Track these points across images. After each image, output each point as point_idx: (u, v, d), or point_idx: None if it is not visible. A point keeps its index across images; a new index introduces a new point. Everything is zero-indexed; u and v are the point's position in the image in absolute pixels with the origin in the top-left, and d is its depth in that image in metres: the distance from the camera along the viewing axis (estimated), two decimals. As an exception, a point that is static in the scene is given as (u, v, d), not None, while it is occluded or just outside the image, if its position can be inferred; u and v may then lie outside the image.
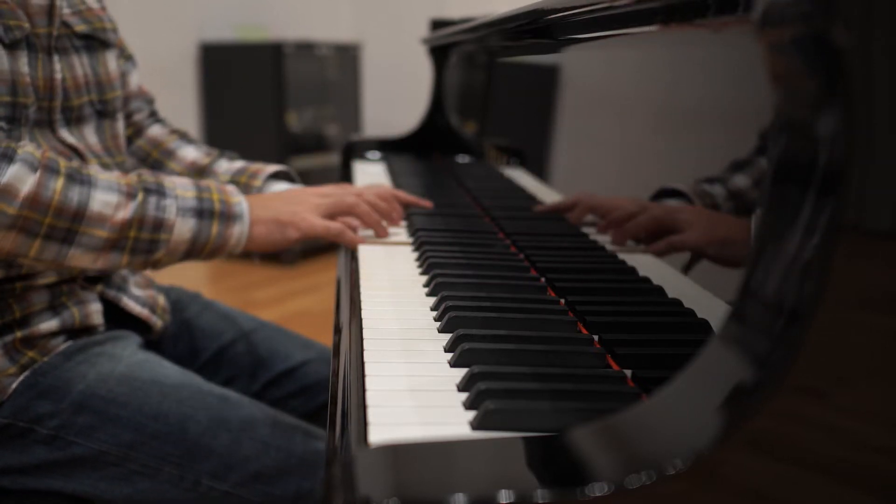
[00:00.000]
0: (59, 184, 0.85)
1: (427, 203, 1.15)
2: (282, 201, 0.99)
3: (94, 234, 0.87)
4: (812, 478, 0.39)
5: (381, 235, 1.04)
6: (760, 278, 0.40)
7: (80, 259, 0.88)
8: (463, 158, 1.73)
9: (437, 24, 1.87)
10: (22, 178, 0.83)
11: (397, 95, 4.30)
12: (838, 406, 0.39)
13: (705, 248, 0.64)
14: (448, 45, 1.79)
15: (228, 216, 0.94)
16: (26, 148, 0.85)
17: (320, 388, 1.15)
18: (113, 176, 0.91)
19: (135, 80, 1.21)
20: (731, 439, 0.38)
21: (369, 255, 0.98)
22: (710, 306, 0.61)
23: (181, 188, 0.93)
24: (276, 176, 1.19)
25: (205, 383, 0.97)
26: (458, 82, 1.79)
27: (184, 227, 0.91)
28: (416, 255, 0.97)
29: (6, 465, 0.92)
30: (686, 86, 0.72)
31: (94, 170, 0.90)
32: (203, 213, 0.93)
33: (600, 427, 0.45)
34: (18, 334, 0.92)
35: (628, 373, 0.60)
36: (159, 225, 0.90)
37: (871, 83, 0.36)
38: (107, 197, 0.88)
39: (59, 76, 0.97)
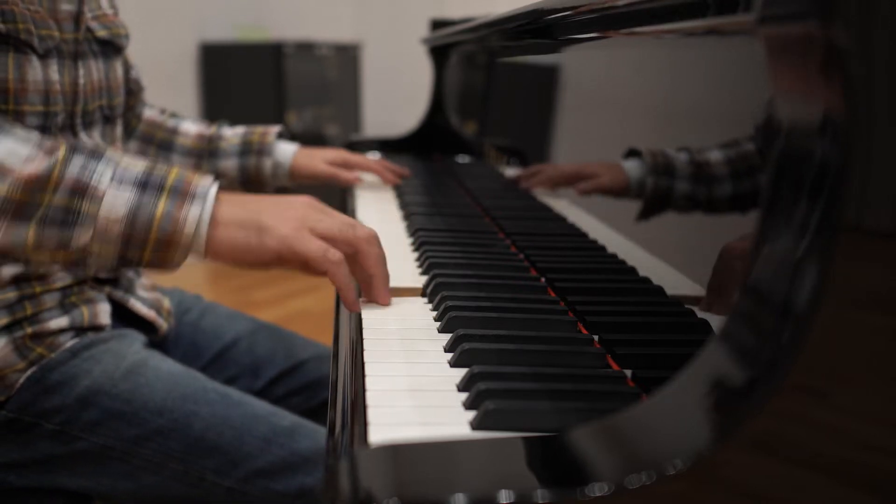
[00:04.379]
0: None
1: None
2: (271, 204, 0.76)
3: None
4: (812, 478, 0.39)
5: (381, 300, 0.77)
6: (760, 278, 0.40)
7: None
8: (463, 158, 1.73)
9: (437, 24, 1.87)
10: None
11: (397, 95, 4.30)
12: (838, 406, 0.39)
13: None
14: (448, 45, 1.79)
15: (184, 193, 0.72)
16: None
17: (322, 385, 1.16)
18: (40, 135, 0.74)
19: (143, 82, 1.27)
20: (731, 439, 0.38)
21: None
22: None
23: (129, 159, 0.74)
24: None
25: (208, 381, 0.98)
26: (458, 82, 1.79)
27: (118, 199, 0.70)
28: (416, 255, 0.97)
29: (12, 459, 0.93)
30: (686, 86, 0.72)
31: (16, 124, 0.75)
32: (148, 184, 0.72)
33: (600, 427, 0.45)
34: (28, 330, 0.93)
35: (628, 373, 0.60)
36: (82, 190, 0.70)
37: (870, 83, 0.36)
38: (17, 146, 0.71)
39: (81, 81, 0.99)
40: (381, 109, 4.38)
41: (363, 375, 0.59)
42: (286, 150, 1.32)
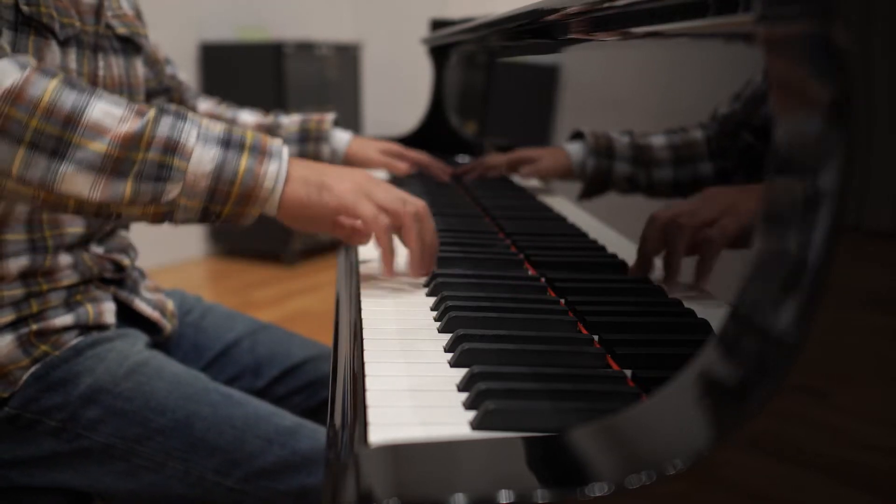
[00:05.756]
0: (52, 84, 0.74)
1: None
2: (335, 169, 0.83)
3: (90, 147, 0.74)
4: (812, 478, 0.39)
5: (413, 274, 0.84)
6: (760, 278, 0.40)
7: (75, 181, 0.74)
8: (463, 158, 1.73)
9: (437, 24, 1.87)
10: (5, 72, 0.73)
11: (397, 95, 4.30)
12: (838, 406, 0.39)
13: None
14: (448, 45, 1.79)
15: (262, 150, 0.78)
16: (26, 55, 0.77)
17: (322, 385, 1.16)
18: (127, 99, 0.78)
19: (182, 76, 1.31)
20: (731, 439, 0.38)
21: (369, 256, 0.98)
22: (710, 306, 0.61)
23: (208, 120, 0.80)
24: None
25: (209, 381, 0.98)
26: (458, 82, 1.79)
27: (204, 156, 0.76)
28: (416, 255, 0.97)
29: (15, 456, 0.93)
30: (686, 85, 0.72)
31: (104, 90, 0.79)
32: (230, 142, 0.78)
33: (600, 427, 0.45)
34: (34, 327, 0.93)
35: (628, 373, 0.60)
36: (173, 147, 0.75)
37: (871, 83, 0.36)
38: (110, 107, 0.75)
39: (101, 73, 1.00)
40: (381, 109, 4.38)
41: (363, 375, 0.59)
42: (341, 138, 1.39)
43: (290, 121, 1.36)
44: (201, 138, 0.77)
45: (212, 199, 0.77)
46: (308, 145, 1.34)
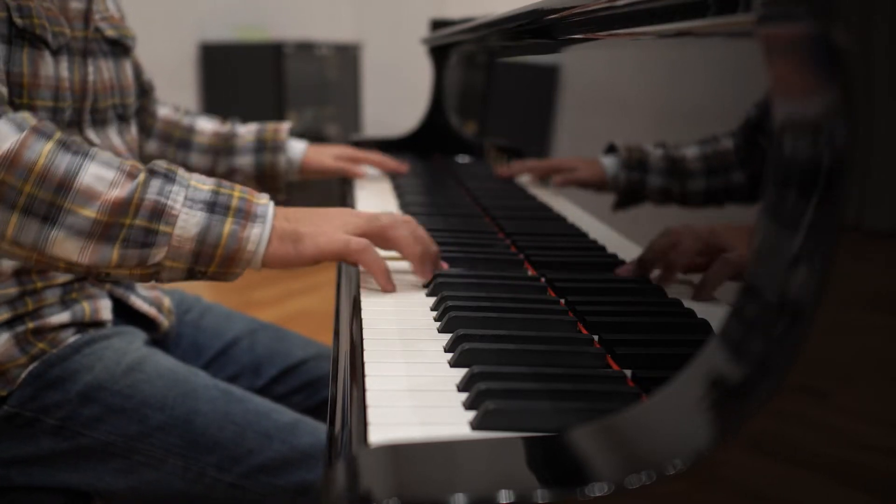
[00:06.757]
0: (46, 147, 0.75)
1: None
2: (309, 214, 0.84)
3: (80, 213, 0.75)
4: (812, 478, 0.39)
5: (423, 276, 0.83)
6: (760, 278, 0.40)
7: (64, 246, 0.76)
8: (463, 158, 1.73)
9: (437, 24, 1.87)
10: (3, 135, 0.75)
11: (397, 95, 4.30)
12: (838, 406, 0.39)
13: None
14: (448, 45, 1.79)
15: (247, 213, 0.79)
16: (22, 113, 0.78)
17: (322, 384, 1.16)
18: (119, 158, 0.80)
19: (145, 77, 1.29)
20: (731, 439, 0.38)
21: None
22: (710, 306, 0.61)
23: (197, 179, 0.81)
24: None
25: (209, 378, 0.99)
26: (458, 82, 1.79)
27: (190, 220, 0.77)
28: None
29: (13, 455, 0.93)
30: (686, 86, 0.72)
31: (99, 148, 0.80)
32: (216, 206, 0.79)
33: (600, 427, 0.45)
34: (30, 325, 0.93)
35: (628, 373, 0.60)
36: (159, 213, 0.77)
37: (871, 83, 0.36)
38: (102, 171, 0.77)
39: (91, 78, 1.00)
40: (381, 109, 4.38)
41: (363, 375, 0.59)
42: (297, 147, 1.38)
43: (247, 130, 1.35)
44: (188, 202, 0.78)
45: (196, 261, 0.79)
46: (264, 155, 1.34)
